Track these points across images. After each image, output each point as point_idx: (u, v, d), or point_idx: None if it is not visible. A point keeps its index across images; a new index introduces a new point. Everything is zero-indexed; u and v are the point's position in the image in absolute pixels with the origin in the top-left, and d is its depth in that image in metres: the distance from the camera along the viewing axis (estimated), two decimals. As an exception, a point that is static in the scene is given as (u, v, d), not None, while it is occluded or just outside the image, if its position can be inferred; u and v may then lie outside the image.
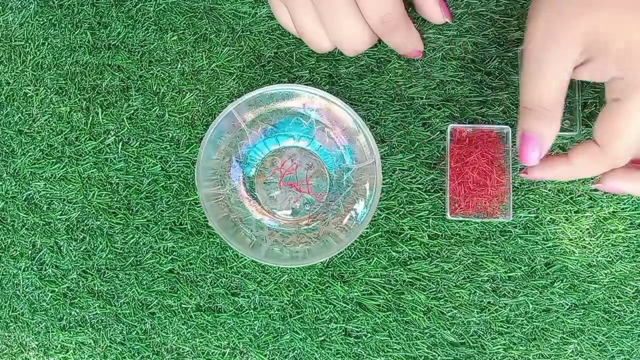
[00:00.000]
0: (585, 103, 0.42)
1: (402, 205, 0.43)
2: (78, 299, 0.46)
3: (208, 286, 0.45)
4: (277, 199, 0.43)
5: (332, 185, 0.43)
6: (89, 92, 0.46)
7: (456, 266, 0.43)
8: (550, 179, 0.38)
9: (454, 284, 0.43)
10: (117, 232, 0.45)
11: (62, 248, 0.46)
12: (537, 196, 0.43)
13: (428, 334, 0.43)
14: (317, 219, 0.42)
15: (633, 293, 0.42)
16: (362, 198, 0.41)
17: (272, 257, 0.40)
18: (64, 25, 0.46)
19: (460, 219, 0.42)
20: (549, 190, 0.43)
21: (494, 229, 0.43)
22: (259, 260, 0.40)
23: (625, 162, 0.35)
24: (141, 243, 0.45)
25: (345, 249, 0.43)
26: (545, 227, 0.43)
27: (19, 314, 0.46)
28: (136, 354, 0.45)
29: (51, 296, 0.46)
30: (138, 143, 0.45)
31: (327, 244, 0.40)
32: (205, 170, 0.41)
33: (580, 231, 0.43)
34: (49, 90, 0.46)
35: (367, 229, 0.43)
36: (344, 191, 0.42)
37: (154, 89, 0.45)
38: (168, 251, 0.45)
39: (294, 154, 0.43)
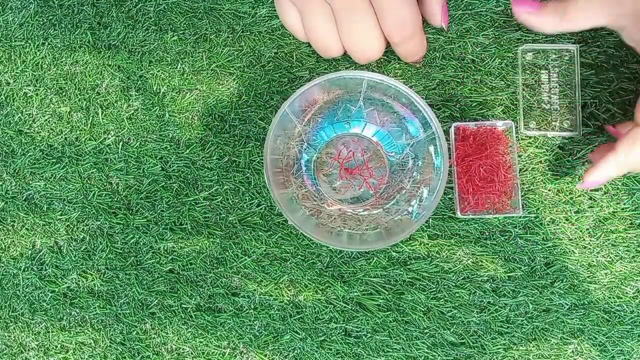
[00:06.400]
0: (586, 103, 0.42)
1: (402, 205, 0.43)
2: (78, 299, 0.46)
3: (208, 286, 0.45)
4: (340, 189, 0.43)
5: (392, 165, 0.42)
6: (89, 92, 0.46)
7: (456, 266, 0.43)
8: (603, 180, 0.36)
9: (454, 284, 0.43)
10: (117, 232, 0.45)
11: (62, 248, 0.46)
12: (537, 196, 0.43)
13: (428, 334, 0.43)
14: (383, 201, 0.42)
15: (633, 293, 0.42)
16: (428, 174, 0.40)
17: (352, 243, 0.40)
18: (64, 25, 0.46)
19: (471, 216, 0.42)
20: (549, 190, 0.43)
21: (494, 229, 0.43)
22: (341, 247, 0.39)
23: None
24: (141, 243, 0.45)
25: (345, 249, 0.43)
26: (545, 227, 0.43)
27: (19, 314, 0.46)
28: (136, 354, 0.45)
29: (51, 296, 0.46)
30: (138, 143, 0.45)
31: (398, 225, 0.40)
32: (273, 173, 0.41)
33: (580, 231, 0.43)
34: (48, 90, 0.46)
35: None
36: (406, 168, 0.42)
37: (154, 89, 0.45)
38: (168, 251, 0.45)
39: (347, 142, 0.43)
